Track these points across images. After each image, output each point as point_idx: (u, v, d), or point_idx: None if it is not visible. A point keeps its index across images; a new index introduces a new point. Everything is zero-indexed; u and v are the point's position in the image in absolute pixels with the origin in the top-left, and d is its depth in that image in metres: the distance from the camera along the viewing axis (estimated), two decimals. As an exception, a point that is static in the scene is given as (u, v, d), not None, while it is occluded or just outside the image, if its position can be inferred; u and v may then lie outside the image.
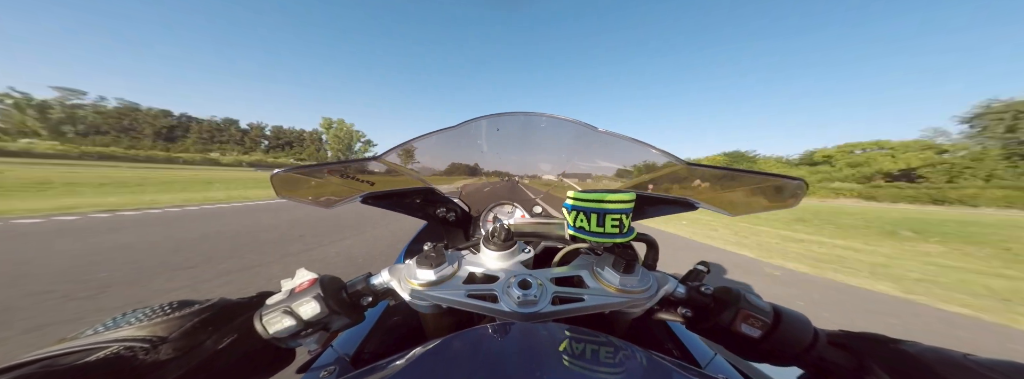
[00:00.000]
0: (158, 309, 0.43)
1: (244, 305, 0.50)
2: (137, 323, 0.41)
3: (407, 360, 0.36)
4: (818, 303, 3.33)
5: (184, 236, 4.65)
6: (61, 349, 0.36)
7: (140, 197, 8.62)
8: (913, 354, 0.41)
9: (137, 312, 0.43)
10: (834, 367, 0.46)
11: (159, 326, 0.41)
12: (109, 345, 0.37)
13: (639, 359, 0.36)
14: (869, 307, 3.31)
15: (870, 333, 0.47)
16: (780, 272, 4.46)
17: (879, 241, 7.59)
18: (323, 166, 0.76)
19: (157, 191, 10.43)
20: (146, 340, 0.38)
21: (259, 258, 3.79)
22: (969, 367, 0.37)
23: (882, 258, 5.73)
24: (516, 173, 1.10)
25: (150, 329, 0.40)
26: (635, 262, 0.54)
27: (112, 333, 0.39)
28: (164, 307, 0.44)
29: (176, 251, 3.89)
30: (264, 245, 4.38)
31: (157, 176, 18.37)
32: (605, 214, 0.51)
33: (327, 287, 0.50)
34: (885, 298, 3.63)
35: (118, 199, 7.95)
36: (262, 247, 4.28)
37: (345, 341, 0.75)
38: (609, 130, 0.81)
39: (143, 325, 0.40)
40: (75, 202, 6.99)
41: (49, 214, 5.73)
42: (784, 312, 0.51)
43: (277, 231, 5.28)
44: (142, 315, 0.42)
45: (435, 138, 0.86)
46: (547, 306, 0.49)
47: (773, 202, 0.70)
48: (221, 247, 4.18)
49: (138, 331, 0.39)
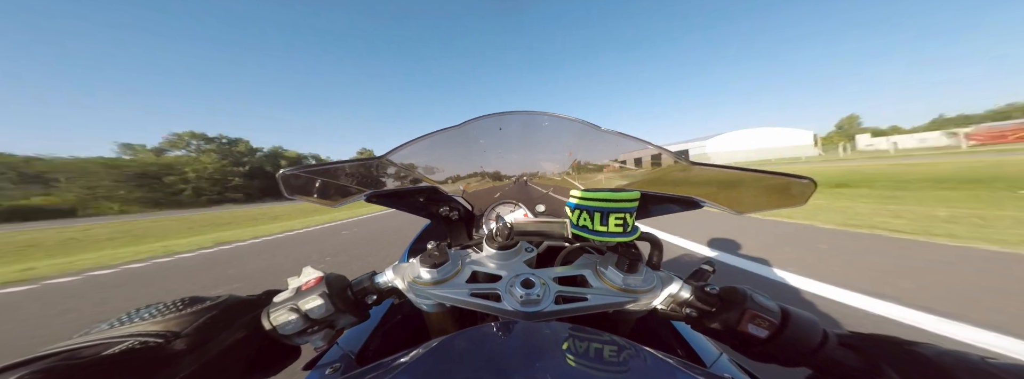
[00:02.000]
0: (170, 305, 0.45)
1: (252, 302, 0.51)
2: (151, 318, 0.42)
3: (411, 358, 0.36)
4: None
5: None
6: (79, 343, 0.37)
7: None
8: (929, 357, 0.39)
9: (150, 308, 0.44)
10: (844, 369, 0.45)
11: (172, 322, 0.42)
12: (124, 339, 0.38)
13: (643, 358, 0.36)
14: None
15: (883, 335, 0.46)
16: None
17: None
18: (329, 165, 0.77)
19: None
20: (160, 335, 0.40)
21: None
22: (990, 371, 0.36)
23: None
24: (519, 172, 1.10)
25: (163, 324, 0.41)
26: (639, 261, 0.54)
27: (127, 328, 0.40)
28: (176, 303, 0.45)
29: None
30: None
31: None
32: (609, 213, 0.51)
33: (333, 285, 0.51)
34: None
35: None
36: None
37: (350, 339, 0.75)
38: (612, 129, 0.81)
39: (156, 321, 0.42)
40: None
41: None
42: (792, 312, 0.50)
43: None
44: (155, 310, 0.43)
45: (438, 137, 0.86)
46: (550, 305, 0.49)
47: (780, 201, 0.69)
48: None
49: (152, 326, 0.41)
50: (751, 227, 4.80)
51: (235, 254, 6.04)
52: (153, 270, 5.18)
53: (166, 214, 33.75)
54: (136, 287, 4.28)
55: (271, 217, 15.07)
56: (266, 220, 13.57)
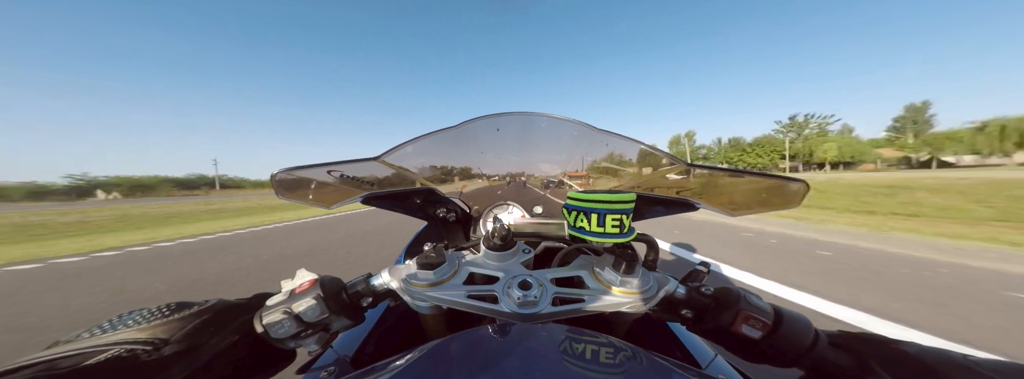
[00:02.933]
0: (156, 311, 0.43)
1: (243, 306, 0.50)
2: (136, 325, 0.40)
3: (407, 361, 0.36)
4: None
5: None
6: (60, 352, 0.35)
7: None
8: (913, 355, 0.41)
9: (134, 314, 0.43)
10: (835, 368, 0.45)
11: (159, 328, 0.41)
12: (109, 348, 0.37)
13: (639, 360, 0.36)
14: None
15: (869, 334, 0.47)
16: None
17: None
18: (323, 166, 0.76)
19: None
20: (148, 342, 0.38)
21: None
22: (970, 368, 0.37)
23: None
24: (516, 173, 1.10)
25: (151, 331, 0.40)
26: (635, 263, 0.54)
27: (111, 336, 0.38)
28: (162, 309, 0.44)
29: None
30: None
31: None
32: (605, 214, 0.51)
33: (327, 288, 0.50)
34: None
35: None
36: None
37: (345, 342, 0.75)
38: (608, 130, 0.81)
39: (143, 327, 0.40)
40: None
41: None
42: (785, 313, 0.51)
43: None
44: (140, 317, 0.42)
45: (435, 138, 0.85)
46: (547, 307, 0.49)
47: (774, 203, 0.70)
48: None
49: (138, 333, 0.39)
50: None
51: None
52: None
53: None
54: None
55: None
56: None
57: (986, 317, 2.43)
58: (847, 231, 6.03)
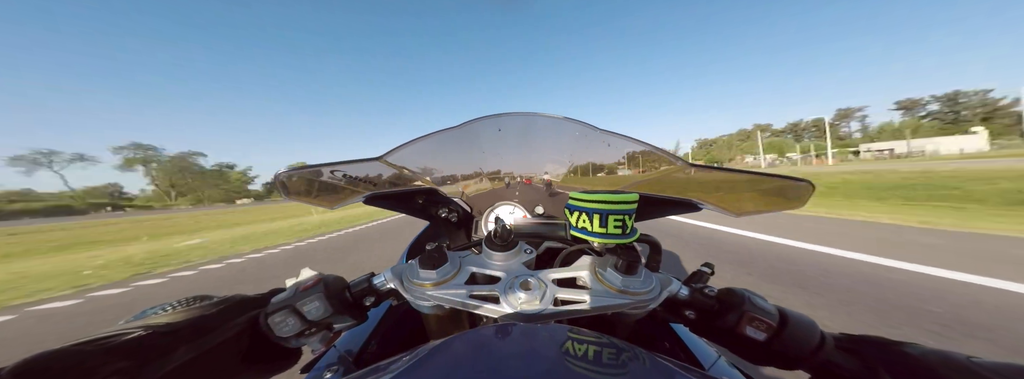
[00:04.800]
0: (181, 302, 0.48)
1: (256, 301, 0.51)
2: (162, 313, 0.46)
3: (410, 360, 0.36)
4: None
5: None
6: (98, 335, 0.40)
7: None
8: (917, 357, 0.41)
9: (165, 305, 0.48)
10: (841, 371, 0.45)
11: (176, 315, 0.45)
12: (135, 330, 0.41)
13: (642, 360, 0.36)
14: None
15: (873, 336, 0.46)
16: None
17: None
18: (326, 166, 0.76)
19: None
20: (161, 327, 0.43)
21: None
22: (974, 370, 0.37)
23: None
24: (519, 173, 1.10)
25: (168, 318, 0.44)
26: (638, 263, 0.54)
27: (139, 322, 0.44)
28: (185, 300, 0.49)
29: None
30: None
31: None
32: (608, 215, 0.51)
33: (331, 287, 0.50)
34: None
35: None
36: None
37: (348, 341, 0.75)
38: (610, 130, 0.81)
39: (164, 314, 0.45)
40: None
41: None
42: (790, 315, 0.50)
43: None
44: (169, 306, 0.47)
45: (436, 138, 0.86)
46: (549, 307, 0.49)
47: (779, 203, 0.70)
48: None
49: (159, 320, 0.44)
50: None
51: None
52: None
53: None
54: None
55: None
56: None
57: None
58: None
